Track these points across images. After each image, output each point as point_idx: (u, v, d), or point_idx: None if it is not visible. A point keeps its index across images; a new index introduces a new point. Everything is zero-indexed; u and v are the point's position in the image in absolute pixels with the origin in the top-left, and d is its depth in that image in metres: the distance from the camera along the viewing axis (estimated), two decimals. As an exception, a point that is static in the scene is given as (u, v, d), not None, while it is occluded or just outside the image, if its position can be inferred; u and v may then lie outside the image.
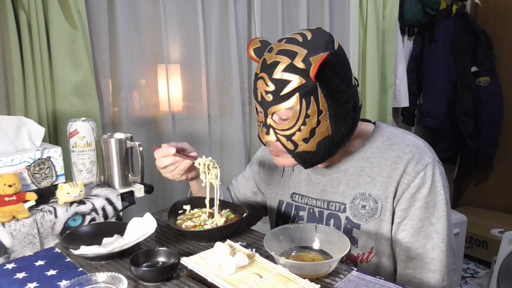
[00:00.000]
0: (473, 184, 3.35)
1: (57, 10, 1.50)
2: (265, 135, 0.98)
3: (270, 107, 0.93)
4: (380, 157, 1.00)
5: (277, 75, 0.90)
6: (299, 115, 0.91)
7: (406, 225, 0.97)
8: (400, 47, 2.69)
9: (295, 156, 0.97)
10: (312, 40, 0.92)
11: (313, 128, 0.93)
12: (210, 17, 1.97)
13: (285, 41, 0.93)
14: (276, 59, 0.91)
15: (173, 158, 1.05)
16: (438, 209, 0.96)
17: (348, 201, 1.01)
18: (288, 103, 0.91)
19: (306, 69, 0.88)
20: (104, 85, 1.77)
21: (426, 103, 2.91)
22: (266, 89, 0.92)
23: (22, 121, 1.20)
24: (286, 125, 0.93)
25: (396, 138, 1.02)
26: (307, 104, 0.91)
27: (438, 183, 0.96)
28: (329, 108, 0.92)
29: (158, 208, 1.86)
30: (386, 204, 0.97)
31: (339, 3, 2.40)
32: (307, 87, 0.90)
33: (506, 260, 2.09)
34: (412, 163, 0.96)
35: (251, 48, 1.01)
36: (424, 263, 0.96)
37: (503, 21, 2.99)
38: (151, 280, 0.80)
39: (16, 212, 1.03)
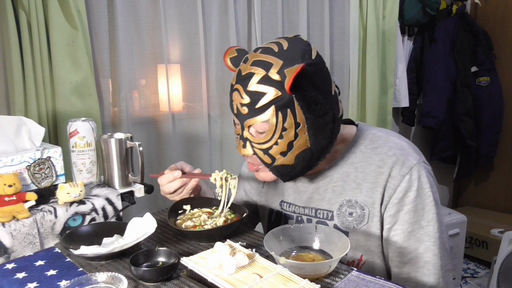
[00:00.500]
0: (473, 184, 3.35)
1: (57, 10, 1.50)
2: (242, 148, 0.96)
3: (246, 120, 0.91)
4: (364, 162, 0.99)
5: (252, 87, 0.88)
6: (275, 128, 0.89)
7: (396, 230, 0.95)
8: (400, 47, 2.69)
9: (273, 170, 0.95)
10: (288, 49, 0.89)
11: (290, 141, 0.90)
12: (210, 17, 1.97)
13: (260, 51, 0.90)
14: (251, 70, 0.88)
15: (181, 181, 1.05)
16: (427, 211, 0.94)
17: (335, 209, 1.00)
18: (264, 116, 0.88)
19: (281, 81, 0.85)
20: (104, 85, 1.77)
21: (426, 103, 2.91)
22: (241, 102, 0.90)
23: (22, 121, 1.20)
24: (263, 139, 0.91)
25: (379, 141, 1.00)
26: (284, 117, 0.88)
27: (425, 185, 0.94)
28: (307, 121, 0.89)
29: (158, 208, 1.86)
30: (373, 210, 0.96)
31: (339, 3, 2.40)
32: (283, 100, 0.87)
33: (506, 260, 2.09)
34: (396, 166, 0.94)
35: (227, 57, 0.99)
36: (418, 267, 0.95)
37: (503, 21, 2.99)
38: (151, 280, 0.80)
39: (16, 212, 1.03)
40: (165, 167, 2.00)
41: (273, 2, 2.14)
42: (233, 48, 1.00)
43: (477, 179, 3.30)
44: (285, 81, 0.84)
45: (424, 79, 2.91)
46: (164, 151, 1.93)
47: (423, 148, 3.19)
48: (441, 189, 3.41)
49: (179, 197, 1.08)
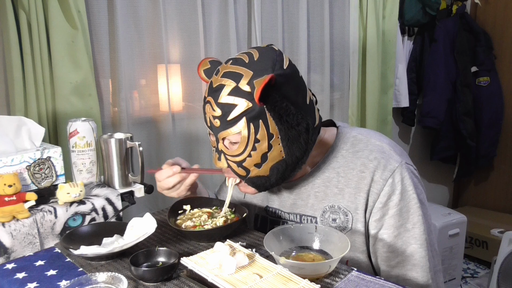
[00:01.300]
0: (473, 184, 3.35)
1: (57, 10, 1.50)
2: (217, 161, 0.96)
3: (219, 133, 0.90)
4: (346, 166, 0.98)
5: (223, 99, 0.87)
6: (248, 140, 0.88)
7: (383, 235, 0.95)
8: (400, 47, 2.69)
9: (247, 181, 0.95)
10: (258, 60, 0.88)
11: (264, 153, 0.89)
12: (210, 17, 1.97)
13: (231, 62, 0.90)
14: (222, 82, 0.88)
15: (180, 176, 1.04)
16: (412, 213, 0.94)
17: (319, 215, 1.00)
18: (236, 128, 0.88)
19: (251, 92, 0.85)
20: (104, 85, 1.77)
21: (426, 103, 2.91)
22: (213, 114, 0.89)
23: (22, 121, 1.20)
24: (236, 151, 0.90)
25: (360, 144, 0.99)
26: (256, 128, 0.87)
27: (408, 187, 0.94)
28: (280, 132, 0.88)
29: (158, 208, 1.86)
30: (357, 215, 0.96)
31: (339, 3, 2.39)
32: (254, 111, 0.86)
33: (506, 260, 2.09)
34: (378, 170, 0.94)
35: (201, 69, 0.98)
36: (406, 270, 0.95)
37: (503, 21, 2.99)
38: (151, 280, 0.80)
39: (16, 212, 1.03)
40: (165, 167, 1.99)
41: (273, 2, 2.14)
42: (206, 59, 0.99)
43: (477, 179, 3.30)
44: (254, 92, 0.83)
45: (424, 79, 2.91)
46: (164, 151, 1.93)
47: (423, 148, 3.20)
48: (441, 189, 3.41)
49: (176, 193, 1.07)
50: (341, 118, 2.54)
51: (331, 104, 2.50)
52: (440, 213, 2.55)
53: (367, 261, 0.99)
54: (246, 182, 0.95)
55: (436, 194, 3.36)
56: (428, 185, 3.28)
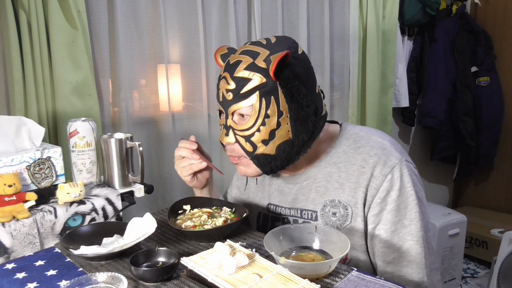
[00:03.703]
0: (473, 184, 3.35)
1: (57, 10, 1.50)
2: (224, 137, 0.97)
3: (231, 106, 0.93)
4: (347, 162, 0.99)
5: (239, 74, 0.91)
6: (258, 114, 0.91)
7: (380, 230, 0.96)
8: (400, 47, 2.69)
9: (253, 159, 0.96)
10: (275, 43, 0.93)
11: (272, 129, 0.92)
12: (210, 17, 1.97)
13: (249, 44, 0.96)
14: (239, 58, 0.92)
15: (190, 152, 1.06)
16: (409, 210, 0.94)
17: (319, 209, 1.01)
18: (248, 101, 0.91)
19: (267, 68, 0.89)
20: (104, 85, 1.77)
21: (426, 103, 2.91)
22: (227, 88, 0.93)
23: (22, 121, 1.20)
24: (245, 125, 0.93)
25: (361, 141, 1.01)
26: (267, 103, 0.91)
27: (407, 184, 0.95)
28: (290, 111, 0.92)
29: (158, 208, 1.86)
30: (356, 210, 0.96)
31: (339, 3, 2.40)
32: (267, 86, 0.90)
33: (506, 260, 2.09)
34: (378, 166, 0.95)
35: (218, 54, 1.01)
36: (401, 266, 0.95)
37: (503, 21, 2.99)
38: (151, 280, 0.80)
39: (16, 212, 1.03)
40: (165, 167, 2.00)
41: (273, 2, 2.14)
42: (224, 46, 1.03)
43: (477, 179, 3.30)
44: (270, 66, 0.88)
45: (424, 79, 2.91)
46: (164, 151, 1.93)
47: (423, 148, 3.20)
48: (441, 189, 3.41)
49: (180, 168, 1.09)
50: (341, 118, 2.54)
51: (331, 104, 2.51)
52: (440, 213, 2.55)
53: (365, 256, 0.99)
54: (252, 160, 0.96)
55: (436, 194, 3.36)
56: (428, 185, 3.28)
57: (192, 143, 1.06)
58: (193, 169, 1.08)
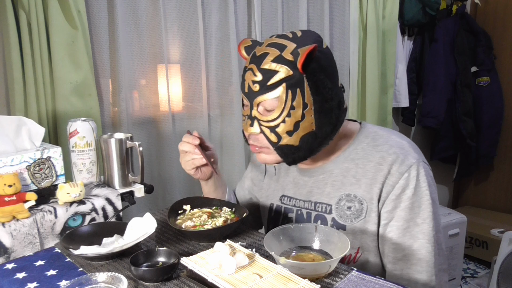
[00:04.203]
0: (473, 184, 3.35)
1: (57, 10, 1.50)
2: (249, 127, 0.98)
3: (256, 97, 0.94)
4: (365, 159, 1.00)
5: (266, 66, 0.92)
6: (284, 105, 0.92)
7: (392, 227, 0.96)
8: (400, 47, 2.69)
9: (277, 149, 0.97)
10: (301, 37, 0.95)
11: (297, 121, 0.93)
12: (210, 17, 1.97)
13: (275, 36, 0.97)
14: (266, 50, 0.94)
15: (193, 147, 1.06)
16: (423, 209, 0.95)
17: (334, 202, 1.01)
18: (275, 93, 0.92)
19: (294, 61, 0.90)
20: (104, 85, 1.77)
21: (426, 103, 2.91)
22: (254, 79, 0.94)
23: (22, 121, 1.20)
24: (271, 116, 0.94)
25: (380, 139, 1.02)
26: (293, 95, 0.92)
27: (422, 184, 0.96)
28: (314, 103, 0.93)
29: (158, 208, 1.86)
30: (371, 205, 0.97)
31: (339, 3, 2.40)
32: (293, 79, 0.91)
33: (506, 260, 2.09)
34: (396, 164, 0.96)
35: (242, 47, 1.03)
36: (411, 264, 0.96)
37: (503, 21, 2.99)
38: (151, 280, 0.80)
39: (16, 212, 1.03)
40: (165, 167, 2.00)
41: (273, 2, 2.14)
42: (248, 39, 1.04)
43: (477, 179, 3.30)
44: (298, 58, 0.89)
45: (424, 79, 2.91)
46: (164, 151, 1.93)
47: (423, 148, 3.17)
48: (441, 189, 3.41)
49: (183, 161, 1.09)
50: (341, 118, 2.53)
51: (331, 104, 2.50)
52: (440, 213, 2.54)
53: (376, 252, 1.00)
54: (276, 150, 0.97)
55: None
56: (428, 185, 3.27)
57: (194, 139, 1.06)
58: (195, 164, 1.09)
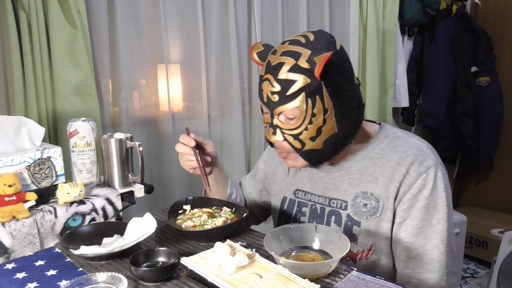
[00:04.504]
0: (473, 184, 3.35)
1: (57, 10, 1.50)
2: (272, 136, 0.99)
3: (276, 108, 0.95)
4: (384, 158, 1.01)
5: (282, 76, 0.92)
6: (305, 114, 0.93)
7: (407, 226, 0.97)
8: (400, 47, 2.69)
9: (302, 155, 0.98)
10: (314, 41, 0.94)
11: (319, 126, 0.94)
12: (210, 17, 1.97)
13: (288, 43, 0.95)
14: (281, 60, 0.93)
15: (189, 150, 1.07)
16: (438, 210, 0.96)
17: (350, 199, 1.02)
18: (294, 103, 0.92)
19: (310, 68, 0.90)
20: (104, 85, 1.77)
21: (426, 103, 2.91)
22: (272, 90, 0.94)
23: (22, 121, 1.20)
24: (293, 125, 0.95)
25: (400, 140, 1.03)
26: (313, 103, 0.92)
27: (439, 185, 0.97)
28: (334, 107, 0.94)
29: (158, 208, 1.86)
30: (388, 203, 0.98)
31: (339, 3, 2.39)
32: (312, 87, 0.91)
33: (506, 260, 2.09)
34: (414, 164, 0.97)
35: (254, 52, 1.02)
36: (423, 263, 0.96)
37: (503, 21, 2.99)
38: (151, 280, 0.80)
39: (16, 212, 1.03)
40: (165, 167, 2.00)
41: (273, 2, 2.14)
42: (259, 43, 1.04)
43: (477, 179, 3.30)
44: (315, 68, 0.89)
45: (424, 79, 2.91)
46: (164, 151, 1.93)
47: (423, 148, 3.19)
48: (441, 189, 3.41)
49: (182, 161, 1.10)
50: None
51: (331, 104, 2.50)
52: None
53: (388, 249, 1.01)
54: (301, 156, 0.99)
55: (436, 194, 3.36)
56: (428, 185, 3.28)
57: (190, 140, 1.07)
58: (192, 165, 1.09)
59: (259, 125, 2.18)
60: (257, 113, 2.17)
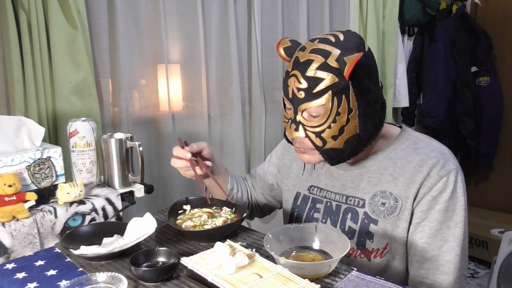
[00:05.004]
0: (473, 184, 3.35)
1: (57, 10, 1.50)
2: (293, 132, 0.99)
3: (301, 104, 0.95)
4: (404, 159, 1.02)
5: (310, 73, 0.92)
6: (330, 112, 0.93)
7: (424, 227, 0.98)
8: (400, 47, 2.69)
9: (322, 153, 0.98)
10: (344, 41, 0.94)
11: (342, 126, 0.95)
12: (210, 17, 1.97)
13: (318, 41, 0.96)
14: (310, 57, 0.93)
15: (185, 163, 1.08)
16: (457, 214, 0.97)
17: (368, 198, 1.03)
18: (320, 100, 0.93)
19: (339, 68, 0.91)
20: (104, 85, 1.77)
21: (426, 103, 2.91)
22: (299, 86, 0.94)
23: (22, 121, 1.20)
24: (316, 122, 0.95)
25: (421, 143, 1.04)
26: (339, 102, 0.93)
27: (459, 190, 0.98)
28: (359, 107, 0.94)
29: (158, 208, 1.86)
30: (406, 204, 0.99)
31: (339, 3, 2.39)
32: (339, 86, 0.92)
33: (506, 260, 2.09)
34: (436, 167, 0.98)
35: (281, 47, 1.03)
36: (438, 265, 0.97)
37: (503, 21, 2.99)
38: (151, 280, 0.80)
39: (16, 212, 1.03)
40: (165, 167, 2.00)
41: (273, 2, 2.14)
42: (286, 39, 1.04)
43: (477, 179, 3.30)
44: (345, 68, 0.90)
45: (424, 79, 2.91)
46: (164, 151, 1.93)
47: (423, 148, 3.19)
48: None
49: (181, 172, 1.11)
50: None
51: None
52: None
53: (403, 248, 1.01)
54: (321, 154, 0.99)
55: (436, 194, 3.36)
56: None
57: (186, 153, 1.07)
58: (192, 174, 1.10)
59: (259, 125, 2.18)
60: (257, 113, 2.17)
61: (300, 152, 1.03)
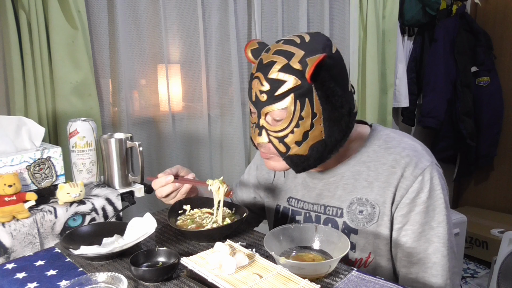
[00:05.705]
0: (473, 184, 3.35)
1: (57, 10, 1.50)
2: (257, 136, 0.96)
3: (264, 107, 0.92)
4: (377, 161, 0.99)
5: (273, 75, 0.89)
6: (292, 116, 0.90)
7: (407, 231, 0.95)
8: (400, 47, 2.69)
9: (286, 159, 0.95)
10: (309, 42, 0.91)
11: (306, 131, 0.91)
12: (210, 17, 1.97)
13: (282, 42, 0.93)
14: (273, 59, 0.90)
15: (173, 185, 1.06)
16: (438, 213, 0.95)
17: (345, 206, 1.00)
18: (282, 103, 0.90)
19: (302, 70, 0.87)
20: (104, 85, 1.77)
21: (426, 103, 2.91)
22: (261, 89, 0.91)
23: (22, 121, 1.20)
24: (279, 127, 0.92)
25: (393, 142, 1.01)
26: (302, 105, 0.89)
27: (437, 187, 0.95)
28: (324, 112, 0.91)
29: (158, 208, 1.86)
30: (384, 209, 0.96)
31: (339, 3, 2.40)
32: (302, 88, 0.88)
33: (506, 260, 2.09)
34: (410, 167, 0.95)
35: (248, 49, 1.00)
36: (426, 267, 0.95)
37: (503, 21, 2.99)
38: (151, 280, 0.80)
39: (16, 212, 1.03)
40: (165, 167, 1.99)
41: (273, 2, 2.14)
42: (254, 40, 1.02)
43: (477, 179, 3.30)
44: (306, 69, 0.86)
45: (424, 79, 2.91)
46: (164, 151, 1.93)
47: (423, 148, 3.19)
48: (441, 189, 3.41)
49: (173, 201, 1.09)
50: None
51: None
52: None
53: (389, 256, 0.99)
54: (285, 160, 0.96)
55: (436, 194, 3.36)
56: (428, 185, 3.28)
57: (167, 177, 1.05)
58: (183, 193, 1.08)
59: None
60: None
61: (266, 158, 1.00)
